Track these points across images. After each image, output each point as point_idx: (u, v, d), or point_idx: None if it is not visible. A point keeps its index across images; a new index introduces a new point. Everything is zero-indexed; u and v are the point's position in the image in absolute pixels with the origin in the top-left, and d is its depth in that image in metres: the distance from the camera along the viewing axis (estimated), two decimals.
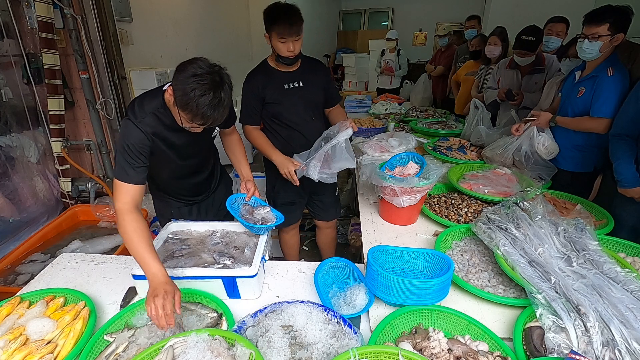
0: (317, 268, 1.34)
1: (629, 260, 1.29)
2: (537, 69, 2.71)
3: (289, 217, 2.04)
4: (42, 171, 2.39)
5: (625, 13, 1.77)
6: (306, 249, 3.08)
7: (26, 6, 2.12)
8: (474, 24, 4.01)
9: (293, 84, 1.89)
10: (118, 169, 1.27)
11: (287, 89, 1.88)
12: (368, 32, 9.77)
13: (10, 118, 2.14)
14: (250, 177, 1.63)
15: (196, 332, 0.91)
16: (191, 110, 1.15)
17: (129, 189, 1.26)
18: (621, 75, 1.81)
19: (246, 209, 1.53)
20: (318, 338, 0.98)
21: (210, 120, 1.20)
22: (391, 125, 3.12)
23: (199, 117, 1.17)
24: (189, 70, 1.14)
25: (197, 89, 1.12)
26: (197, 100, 1.13)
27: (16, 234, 2.21)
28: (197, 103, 1.13)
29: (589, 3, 3.39)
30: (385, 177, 1.58)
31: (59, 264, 1.47)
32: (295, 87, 1.89)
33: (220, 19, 4.55)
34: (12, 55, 2.11)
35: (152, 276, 1.08)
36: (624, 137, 1.71)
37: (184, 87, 1.13)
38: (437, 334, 0.99)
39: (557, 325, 0.95)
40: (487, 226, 1.37)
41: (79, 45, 2.37)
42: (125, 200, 1.24)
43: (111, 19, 2.51)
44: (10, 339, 1.00)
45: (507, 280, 1.24)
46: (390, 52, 5.47)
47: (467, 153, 2.39)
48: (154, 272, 1.09)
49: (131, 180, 1.26)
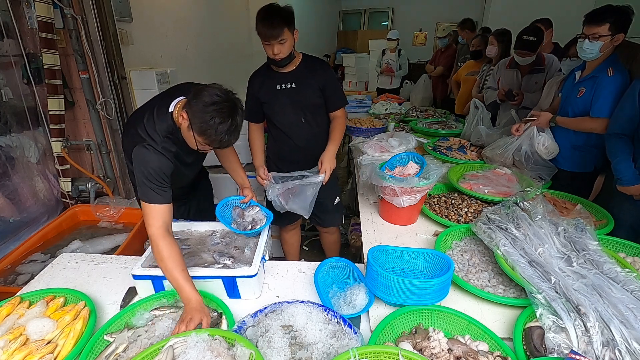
0: (317, 268, 1.34)
1: (629, 260, 1.29)
2: (537, 68, 2.71)
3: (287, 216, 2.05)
4: (42, 171, 2.39)
5: (626, 13, 1.77)
6: (306, 249, 3.08)
7: (26, 6, 2.11)
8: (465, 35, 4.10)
9: (285, 85, 1.87)
10: (145, 193, 1.26)
11: (279, 89, 1.88)
12: (368, 32, 9.77)
13: (10, 118, 2.14)
14: (247, 184, 1.68)
15: (196, 332, 0.91)
16: (209, 137, 1.21)
17: (159, 210, 1.25)
18: (621, 75, 1.80)
19: (237, 212, 1.57)
20: (318, 338, 0.98)
21: (226, 144, 1.27)
22: (391, 125, 3.12)
23: (217, 143, 1.23)
24: (206, 98, 1.18)
25: (216, 117, 1.17)
26: (216, 128, 1.18)
27: (16, 234, 2.21)
28: (216, 130, 1.19)
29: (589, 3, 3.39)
30: (385, 177, 1.58)
31: (59, 264, 1.47)
32: (286, 88, 1.87)
33: (220, 19, 4.55)
34: (12, 55, 2.10)
35: (186, 301, 1.12)
36: (621, 136, 1.71)
37: (203, 115, 1.18)
38: (437, 334, 0.99)
39: (557, 325, 0.95)
40: (487, 226, 1.37)
41: (79, 45, 2.37)
42: (158, 225, 1.23)
43: (111, 19, 2.50)
44: (10, 339, 1.00)
45: (507, 280, 1.24)
46: (390, 52, 5.47)
47: (467, 153, 2.39)
48: (188, 297, 1.12)
49: (161, 201, 1.26)
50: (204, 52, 4.12)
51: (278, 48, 1.70)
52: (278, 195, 1.78)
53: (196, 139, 1.24)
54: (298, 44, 1.86)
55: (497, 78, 2.96)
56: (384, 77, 5.62)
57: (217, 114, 1.17)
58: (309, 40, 8.48)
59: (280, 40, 1.68)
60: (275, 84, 1.87)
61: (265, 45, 1.73)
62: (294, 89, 1.87)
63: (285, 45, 1.71)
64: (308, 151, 1.97)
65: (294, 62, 1.86)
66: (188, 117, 1.21)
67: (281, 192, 1.79)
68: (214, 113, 1.17)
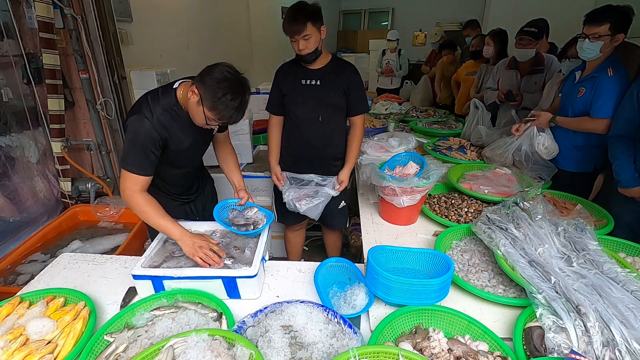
0: (317, 268, 1.34)
1: (629, 260, 1.29)
2: (537, 69, 2.71)
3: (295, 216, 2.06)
4: (42, 171, 2.39)
5: (626, 13, 1.77)
6: (306, 249, 3.08)
7: (26, 6, 2.11)
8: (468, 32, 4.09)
9: (310, 81, 1.88)
10: (129, 161, 1.31)
11: (304, 84, 1.89)
12: (368, 32, 9.77)
13: (10, 118, 2.14)
14: (242, 186, 1.68)
15: (196, 332, 0.91)
16: (220, 112, 1.26)
17: (139, 179, 1.33)
18: (621, 75, 1.81)
19: (234, 214, 1.59)
20: (318, 338, 0.98)
21: (234, 120, 1.32)
22: (391, 125, 3.12)
23: (226, 118, 1.29)
24: (217, 74, 1.23)
25: (228, 94, 1.23)
26: (227, 104, 1.24)
27: (16, 234, 2.21)
28: (227, 106, 1.24)
29: (589, 3, 3.39)
30: (385, 177, 1.58)
31: (59, 264, 1.47)
32: (310, 84, 1.89)
33: (220, 19, 4.55)
34: (12, 55, 2.10)
35: (179, 238, 1.27)
36: (622, 138, 1.71)
37: (216, 91, 1.23)
38: (437, 334, 0.99)
39: (557, 325, 0.95)
40: (487, 226, 1.37)
41: (79, 45, 2.36)
42: (135, 188, 1.32)
43: (111, 19, 2.50)
44: (10, 339, 1.00)
45: (507, 280, 1.24)
46: (391, 52, 5.47)
47: (467, 153, 2.39)
48: (180, 235, 1.27)
49: (144, 173, 1.33)
50: (204, 52, 4.12)
51: (303, 44, 1.73)
52: (293, 200, 1.92)
53: (206, 114, 1.28)
54: None
55: (497, 79, 2.96)
56: (384, 78, 5.62)
57: (229, 90, 1.23)
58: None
59: (305, 36, 1.71)
60: (301, 79, 1.89)
61: (292, 42, 1.77)
62: (318, 86, 1.88)
63: (310, 40, 1.73)
64: (318, 150, 1.98)
65: (322, 60, 1.87)
66: (199, 92, 1.25)
67: (297, 196, 1.92)
68: (227, 89, 1.22)
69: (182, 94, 1.37)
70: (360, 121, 1.98)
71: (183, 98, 1.36)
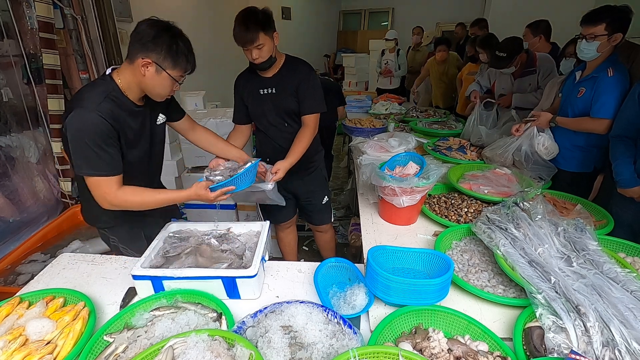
0: (317, 268, 1.33)
1: (629, 260, 1.29)
2: (528, 70, 2.73)
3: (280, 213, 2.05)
4: (42, 171, 2.39)
5: (623, 13, 1.77)
6: (306, 249, 3.08)
7: (26, 6, 2.12)
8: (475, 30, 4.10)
9: (266, 90, 1.85)
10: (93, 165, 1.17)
11: (262, 94, 1.86)
12: (368, 32, 9.78)
13: (10, 118, 2.14)
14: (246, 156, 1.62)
15: (196, 332, 0.91)
16: (181, 63, 1.24)
17: (112, 180, 1.22)
18: (621, 75, 1.81)
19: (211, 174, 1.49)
20: (318, 338, 0.98)
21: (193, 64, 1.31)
22: (391, 125, 3.12)
23: (191, 65, 1.29)
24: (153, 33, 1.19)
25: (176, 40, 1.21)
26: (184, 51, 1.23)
27: (16, 234, 2.21)
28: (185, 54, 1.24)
29: (589, 3, 3.39)
30: (385, 177, 1.58)
31: (58, 264, 1.47)
32: (267, 93, 1.86)
33: (220, 19, 4.55)
34: (12, 55, 2.11)
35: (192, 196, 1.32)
36: (623, 138, 1.71)
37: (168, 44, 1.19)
38: (437, 334, 0.99)
39: (557, 325, 0.95)
40: (487, 226, 1.37)
41: (79, 45, 2.37)
42: (112, 190, 1.22)
43: (111, 19, 2.51)
44: (9, 340, 1.00)
45: (507, 280, 1.24)
46: (389, 53, 5.48)
47: (467, 153, 2.39)
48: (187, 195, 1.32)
49: (116, 171, 1.22)
50: (203, 52, 4.12)
51: (256, 53, 1.67)
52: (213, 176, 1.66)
53: (172, 74, 1.24)
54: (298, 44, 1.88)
55: (493, 81, 3.01)
56: (384, 78, 5.64)
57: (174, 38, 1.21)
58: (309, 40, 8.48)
59: (258, 46, 1.64)
60: (258, 89, 1.86)
61: (245, 51, 1.71)
62: (274, 94, 1.85)
63: (264, 49, 1.67)
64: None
65: (276, 66, 1.82)
66: (153, 60, 1.19)
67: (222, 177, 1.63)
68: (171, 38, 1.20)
69: (124, 79, 1.26)
70: (311, 121, 1.86)
71: (126, 82, 1.26)
